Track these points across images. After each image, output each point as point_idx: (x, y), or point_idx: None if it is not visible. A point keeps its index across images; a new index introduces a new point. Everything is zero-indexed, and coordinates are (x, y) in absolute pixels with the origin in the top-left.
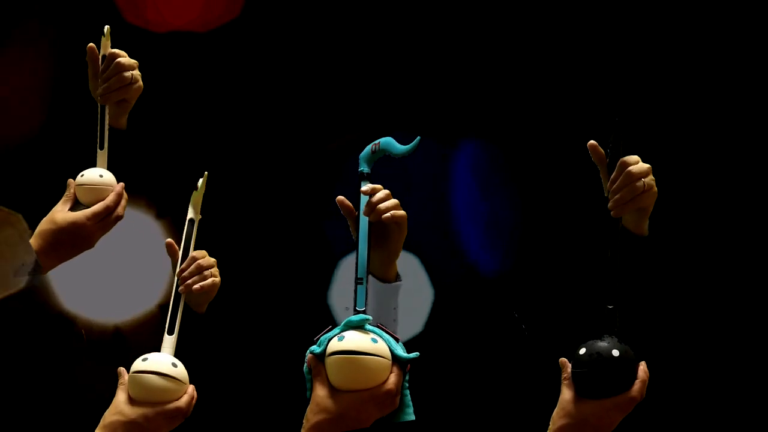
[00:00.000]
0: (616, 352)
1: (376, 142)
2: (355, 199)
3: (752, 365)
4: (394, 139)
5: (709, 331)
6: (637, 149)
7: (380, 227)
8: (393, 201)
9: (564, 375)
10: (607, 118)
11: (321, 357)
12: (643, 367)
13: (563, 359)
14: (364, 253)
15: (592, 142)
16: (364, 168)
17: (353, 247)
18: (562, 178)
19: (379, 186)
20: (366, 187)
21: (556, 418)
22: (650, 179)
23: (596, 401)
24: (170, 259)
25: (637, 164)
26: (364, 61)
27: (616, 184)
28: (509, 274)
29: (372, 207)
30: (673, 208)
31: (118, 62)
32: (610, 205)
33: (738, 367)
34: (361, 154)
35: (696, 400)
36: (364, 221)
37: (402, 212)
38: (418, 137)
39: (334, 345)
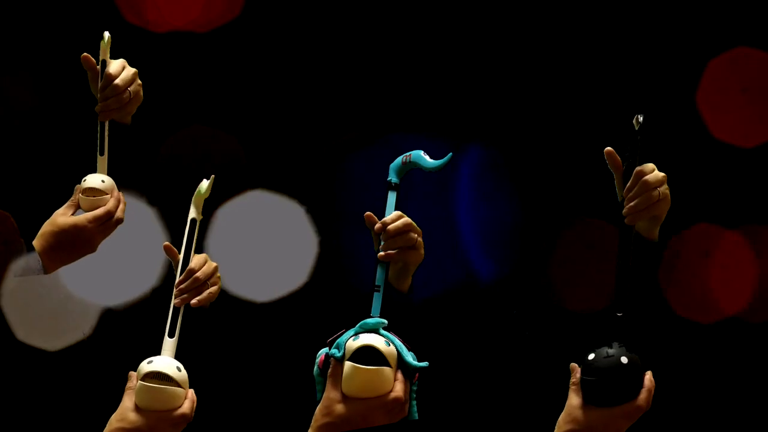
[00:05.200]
0: (624, 360)
1: (408, 154)
2: (380, 210)
3: (756, 372)
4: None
5: (712, 337)
6: (652, 157)
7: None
8: (404, 240)
9: (573, 380)
10: (625, 125)
11: (340, 360)
12: (648, 376)
13: (573, 364)
14: (382, 264)
15: (609, 149)
16: (393, 178)
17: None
18: (573, 184)
19: (390, 221)
20: (378, 224)
21: (562, 423)
22: (665, 188)
23: (603, 409)
24: (171, 261)
25: (652, 173)
26: (365, 60)
27: (632, 192)
28: (516, 278)
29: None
30: (684, 215)
31: (115, 85)
32: (624, 212)
33: (742, 373)
34: (392, 164)
35: (700, 406)
36: None
37: (413, 242)
38: (450, 153)
39: (351, 345)
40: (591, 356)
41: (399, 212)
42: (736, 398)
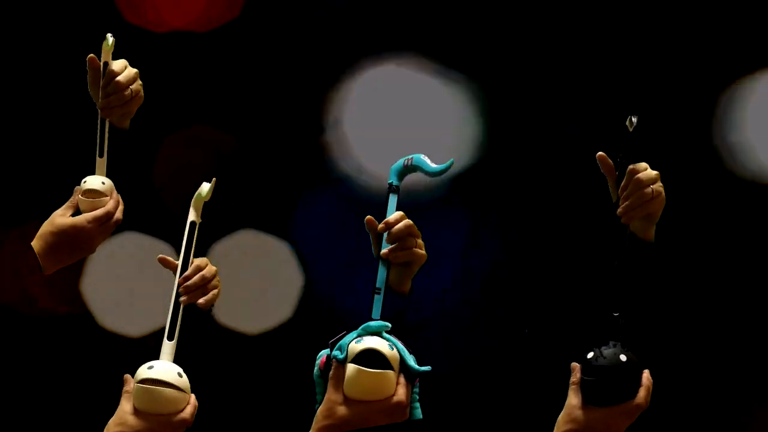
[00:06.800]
0: (623, 358)
1: (409, 157)
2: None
3: (754, 371)
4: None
5: (711, 337)
6: (644, 157)
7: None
8: (410, 246)
9: (572, 380)
10: (617, 127)
11: (343, 362)
12: (646, 374)
13: (575, 363)
14: (384, 265)
15: (600, 153)
16: (393, 180)
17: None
18: (569, 186)
19: (393, 221)
20: (381, 224)
21: (562, 423)
22: (658, 186)
23: (603, 408)
24: (170, 270)
25: (645, 171)
26: (364, 60)
27: (626, 191)
28: (516, 280)
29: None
30: (679, 215)
31: (117, 81)
32: (619, 211)
33: (740, 373)
34: (393, 166)
35: (697, 405)
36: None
37: (418, 252)
38: (452, 159)
39: (354, 347)
40: (589, 355)
41: (401, 213)
42: None
